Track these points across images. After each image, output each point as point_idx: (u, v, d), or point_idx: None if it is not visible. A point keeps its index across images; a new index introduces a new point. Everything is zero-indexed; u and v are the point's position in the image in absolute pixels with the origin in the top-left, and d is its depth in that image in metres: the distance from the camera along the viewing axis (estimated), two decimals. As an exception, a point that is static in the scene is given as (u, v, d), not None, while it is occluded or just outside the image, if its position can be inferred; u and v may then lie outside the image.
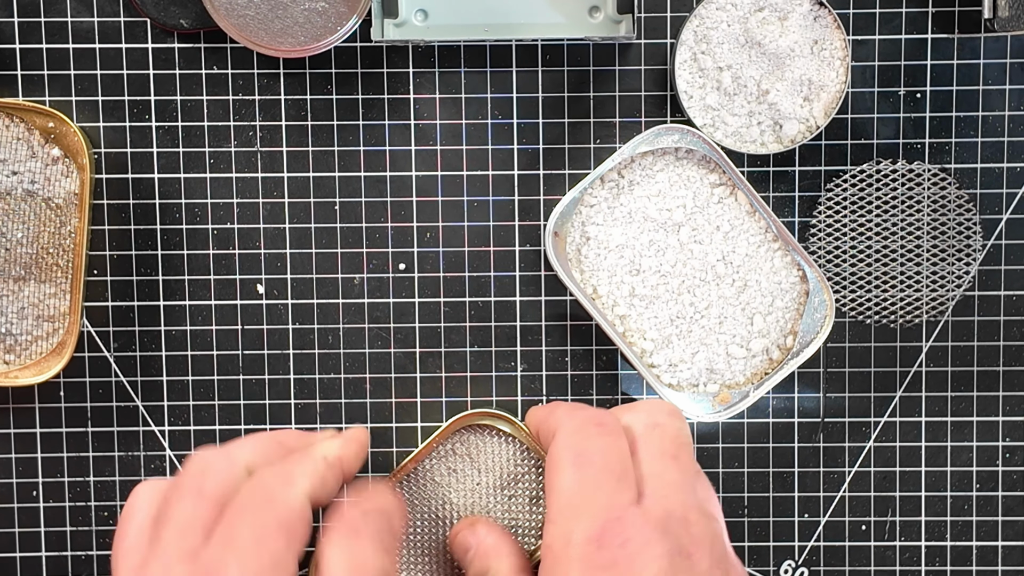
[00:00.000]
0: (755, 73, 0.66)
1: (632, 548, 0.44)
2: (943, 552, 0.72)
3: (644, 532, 0.44)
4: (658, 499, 0.47)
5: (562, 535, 0.45)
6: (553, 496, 0.46)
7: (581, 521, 0.45)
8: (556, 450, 0.48)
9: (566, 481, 0.47)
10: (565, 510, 0.46)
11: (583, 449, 0.47)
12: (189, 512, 0.46)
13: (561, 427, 0.49)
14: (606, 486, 0.46)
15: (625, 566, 0.44)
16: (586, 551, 0.44)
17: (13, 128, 0.67)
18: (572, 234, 0.69)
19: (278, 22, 0.64)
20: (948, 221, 0.70)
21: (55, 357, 0.68)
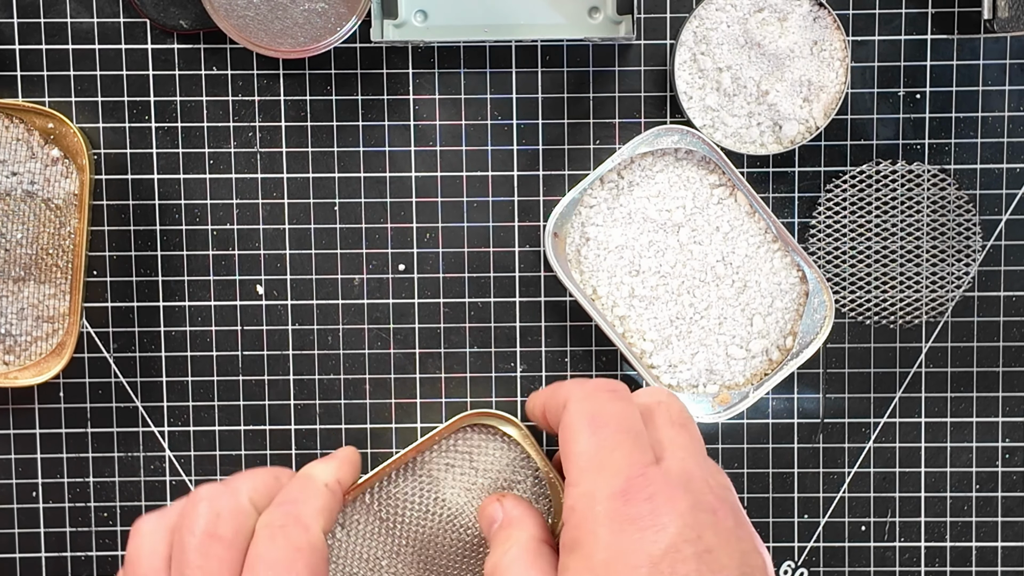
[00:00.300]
0: (755, 74, 0.66)
1: (658, 502, 0.44)
2: (943, 553, 0.72)
3: (668, 488, 0.44)
4: (676, 460, 0.47)
5: (585, 495, 0.45)
6: (572, 460, 0.46)
7: (604, 479, 0.45)
8: (570, 416, 0.48)
9: (583, 444, 0.46)
10: (586, 471, 0.45)
11: (597, 412, 0.47)
12: (212, 560, 0.47)
13: (572, 396, 0.49)
14: (625, 445, 0.46)
15: (651, 519, 0.43)
16: (612, 507, 0.44)
17: (13, 129, 0.67)
18: (572, 235, 0.69)
19: (278, 23, 0.64)
20: (948, 222, 0.70)
21: (55, 358, 0.68)
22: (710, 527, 0.44)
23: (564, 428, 0.48)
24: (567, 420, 0.48)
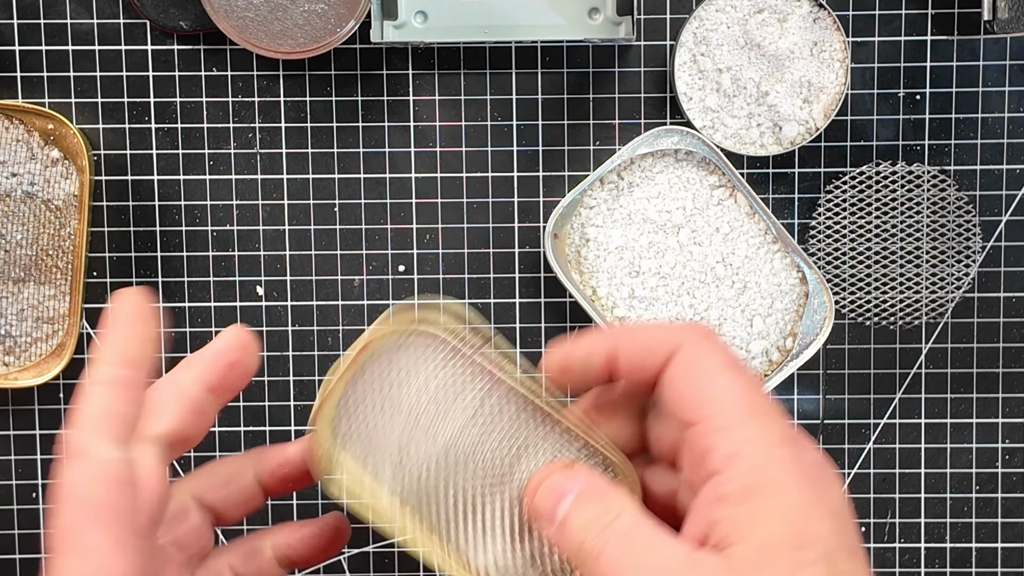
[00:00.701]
0: (755, 75, 0.66)
1: (819, 455, 0.41)
2: (943, 554, 0.72)
3: (813, 442, 0.42)
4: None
5: (754, 439, 0.40)
6: (720, 404, 0.41)
7: (771, 424, 0.41)
8: (698, 357, 0.42)
9: (733, 387, 0.41)
10: (748, 415, 0.41)
11: (732, 357, 0.43)
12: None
13: (687, 337, 0.43)
14: (764, 391, 0.43)
15: (823, 470, 0.41)
16: (792, 452, 0.40)
17: (13, 130, 0.67)
18: (571, 236, 0.69)
19: (277, 24, 0.64)
20: (947, 223, 0.70)
21: (55, 359, 0.68)
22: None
23: (691, 368, 0.42)
24: (692, 361, 0.42)
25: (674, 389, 0.42)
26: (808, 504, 0.39)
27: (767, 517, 0.39)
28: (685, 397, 0.42)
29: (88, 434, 0.41)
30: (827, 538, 0.39)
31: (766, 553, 0.38)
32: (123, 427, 0.41)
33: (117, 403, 0.42)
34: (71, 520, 0.39)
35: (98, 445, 0.40)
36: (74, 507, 0.39)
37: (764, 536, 0.38)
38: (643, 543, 0.40)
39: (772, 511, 0.39)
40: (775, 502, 0.39)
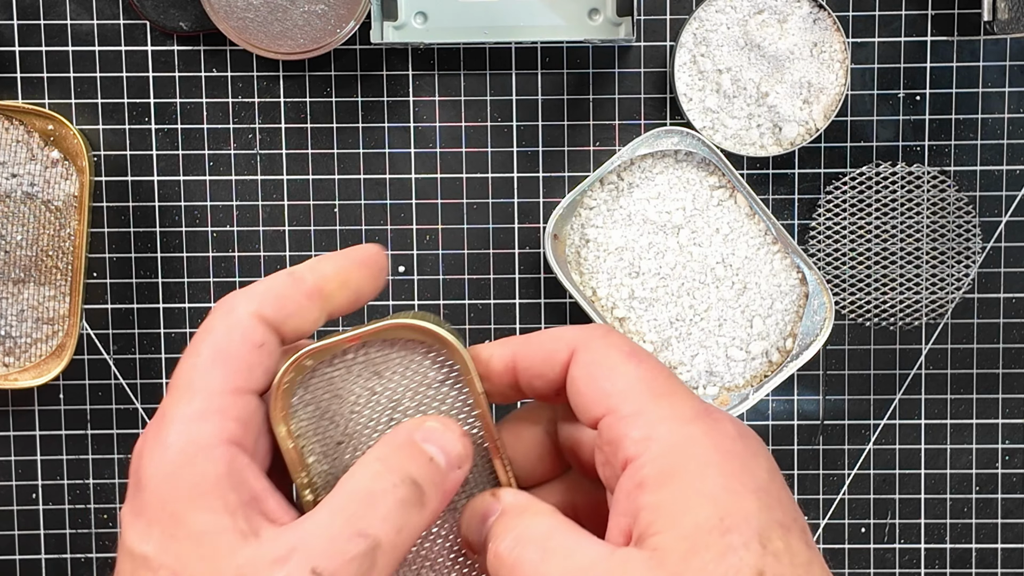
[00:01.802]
0: (754, 75, 0.66)
1: (741, 425, 0.40)
2: (943, 554, 0.72)
3: (730, 415, 0.40)
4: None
5: (667, 419, 0.38)
6: (626, 391, 0.40)
7: (681, 402, 0.39)
8: (596, 353, 0.41)
9: (633, 372, 0.40)
10: (654, 397, 0.39)
11: (632, 347, 0.41)
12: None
13: (582, 337, 0.42)
14: (671, 375, 0.41)
15: (744, 442, 0.39)
16: (706, 425, 0.39)
17: (13, 131, 0.67)
18: (571, 236, 0.69)
19: (277, 25, 0.64)
20: (947, 223, 0.70)
21: (54, 359, 0.68)
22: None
23: (592, 364, 0.41)
24: (592, 358, 0.41)
25: (577, 388, 0.40)
26: (729, 482, 0.37)
27: (688, 501, 0.37)
28: (589, 393, 0.40)
29: (243, 297, 0.40)
30: (754, 516, 0.37)
31: (691, 541, 0.36)
32: (276, 310, 0.40)
33: (285, 294, 0.41)
34: (196, 361, 0.39)
35: (246, 307, 0.40)
36: (204, 348, 0.39)
37: (687, 523, 0.36)
38: (561, 547, 0.38)
39: (693, 494, 0.37)
40: (695, 484, 0.37)
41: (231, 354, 0.39)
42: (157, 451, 0.38)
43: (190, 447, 0.38)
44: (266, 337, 0.40)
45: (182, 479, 0.37)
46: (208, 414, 0.38)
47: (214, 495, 0.37)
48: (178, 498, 0.37)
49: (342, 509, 0.38)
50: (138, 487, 0.38)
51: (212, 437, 0.38)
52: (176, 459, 0.38)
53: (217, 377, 0.39)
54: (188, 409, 0.38)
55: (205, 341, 0.40)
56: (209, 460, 0.38)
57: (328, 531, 0.37)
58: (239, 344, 0.39)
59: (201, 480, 0.37)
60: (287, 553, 0.37)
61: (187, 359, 0.40)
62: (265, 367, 0.40)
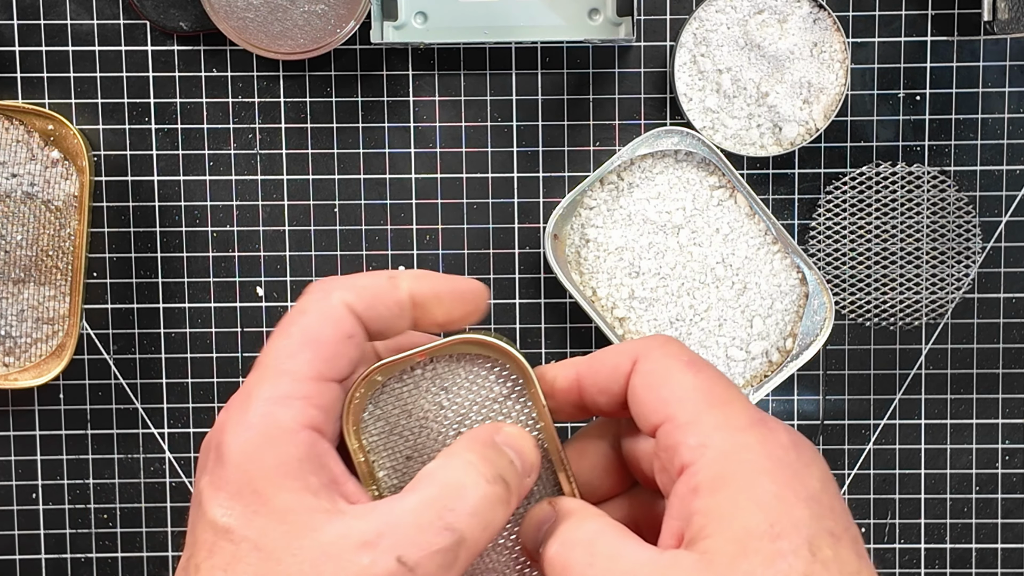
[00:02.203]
0: (754, 75, 0.66)
1: (796, 435, 0.39)
2: (942, 555, 0.72)
3: (786, 424, 0.40)
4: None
5: (721, 427, 0.39)
6: (682, 399, 0.40)
7: (737, 411, 0.39)
8: (655, 364, 0.41)
9: (691, 380, 0.40)
10: (710, 405, 0.39)
11: (691, 357, 0.41)
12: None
13: (643, 349, 0.42)
14: (730, 384, 0.41)
15: (798, 452, 0.39)
16: (760, 434, 0.39)
17: (13, 131, 0.67)
18: (571, 236, 0.69)
19: (277, 24, 0.64)
20: (947, 223, 0.70)
21: (54, 359, 0.68)
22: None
23: (651, 375, 0.41)
24: (652, 367, 0.41)
25: (637, 397, 0.41)
26: (782, 490, 0.38)
27: (739, 507, 0.37)
28: (648, 401, 0.41)
29: (340, 287, 0.41)
30: (805, 525, 0.37)
31: (741, 545, 0.37)
32: (368, 307, 0.41)
33: (380, 295, 0.41)
34: (287, 343, 0.40)
35: (342, 296, 0.41)
36: (295, 331, 0.40)
37: (738, 527, 0.37)
38: (606, 549, 0.39)
39: (744, 500, 0.37)
40: (747, 490, 0.37)
41: (321, 341, 0.40)
42: (241, 429, 0.38)
43: (274, 429, 0.38)
44: (356, 329, 0.40)
45: (265, 459, 0.38)
46: (293, 398, 0.39)
47: (296, 476, 0.38)
48: (261, 476, 0.38)
49: (433, 500, 0.38)
50: (220, 461, 0.38)
51: (294, 421, 0.38)
52: (259, 439, 0.38)
53: (305, 362, 0.39)
54: (274, 391, 0.39)
55: (297, 323, 0.40)
56: (292, 443, 0.38)
57: (417, 520, 0.37)
58: (330, 332, 0.40)
59: (284, 461, 0.38)
60: (375, 537, 0.37)
61: (277, 339, 0.40)
62: (351, 358, 0.40)
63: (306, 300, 0.41)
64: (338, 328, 0.40)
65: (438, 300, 0.42)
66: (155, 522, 0.71)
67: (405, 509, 0.38)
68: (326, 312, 0.40)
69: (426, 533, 0.37)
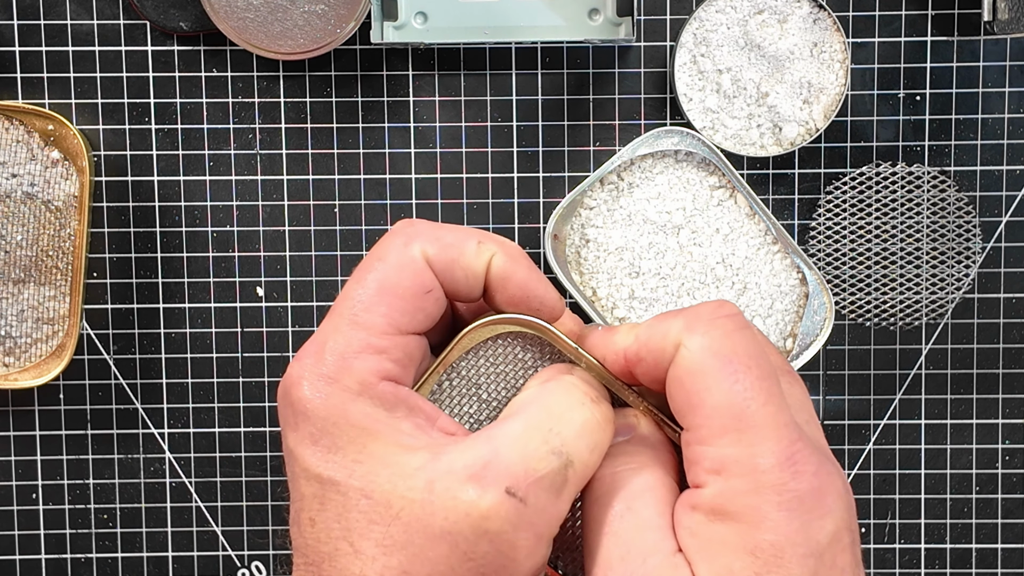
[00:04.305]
0: (755, 75, 0.66)
1: (822, 479, 0.37)
2: (943, 555, 0.72)
3: (823, 462, 0.37)
4: (802, 422, 0.39)
5: (741, 460, 0.36)
6: (709, 415, 0.37)
7: (762, 443, 0.36)
8: (694, 357, 0.38)
9: (723, 394, 0.37)
10: (735, 431, 0.37)
11: (733, 353, 0.38)
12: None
13: (687, 329, 0.39)
14: (773, 398, 0.37)
15: (818, 500, 0.36)
16: (780, 479, 0.36)
17: (13, 131, 0.67)
18: (571, 236, 0.69)
19: (277, 25, 0.64)
20: (947, 224, 0.70)
21: (54, 360, 0.68)
22: (853, 512, 0.38)
23: (686, 373, 0.38)
24: (689, 362, 0.38)
25: (671, 394, 0.39)
26: (781, 542, 0.36)
27: (731, 546, 0.36)
28: (677, 403, 0.38)
29: (424, 237, 0.40)
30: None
31: None
32: (445, 268, 0.40)
33: (459, 259, 0.40)
34: (362, 293, 0.39)
35: (423, 248, 0.39)
36: (372, 281, 0.39)
37: (724, 567, 0.36)
38: (639, 515, 0.38)
39: (737, 542, 0.36)
40: (743, 533, 0.36)
41: (399, 294, 0.39)
42: (323, 384, 0.37)
43: (354, 384, 0.37)
44: (434, 283, 0.39)
45: (353, 412, 0.37)
46: (370, 353, 0.38)
47: (388, 422, 0.37)
48: (354, 427, 0.37)
49: (538, 424, 0.37)
50: (305, 416, 0.38)
51: (373, 375, 0.38)
52: (344, 394, 0.37)
53: (381, 315, 0.38)
54: (350, 345, 0.38)
55: (374, 270, 0.39)
56: (375, 395, 0.38)
57: (523, 446, 0.36)
58: (408, 284, 0.39)
59: (371, 411, 0.37)
60: (481, 468, 0.36)
61: (354, 286, 0.39)
62: (428, 312, 0.39)
63: (385, 246, 0.40)
64: (416, 280, 0.39)
65: (504, 284, 0.40)
66: (155, 522, 0.71)
67: (509, 435, 0.37)
68: (405, 262, 0.39)
69: (532, 459, 0.36)
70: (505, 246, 0.41)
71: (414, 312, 0.39)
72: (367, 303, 0.38)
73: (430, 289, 0.39)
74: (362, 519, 0.36)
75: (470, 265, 0.40)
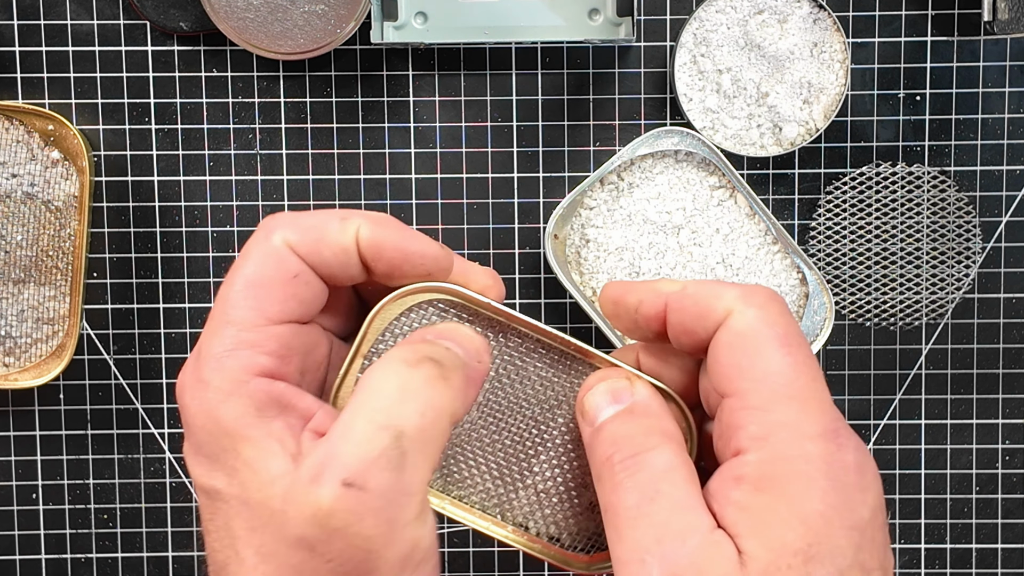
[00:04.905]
0: (755, 76, 0.66)
1: (862, 456, 0.37)
2: (943, 555, 0.72)
3: (859, 441, 0.38)
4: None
5: (788, 426, 0.37)
6: (761, 381, 0.37)
7: (811, 412, 0.37)
8: (748, 326, 0.38)
9: (777, 364, 0.38)
10: (786, 399, 0.37)
11: (786, 330, 0.38)
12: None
13: (740, 300, 0.39)
14: (820, 376, 0.38)
15: (860, 476, 0.37)
16: (826, 448, 0.36)
17: (13, 131, 0.67)
18: (572, 236, 0.69)
19: (277, 25, 0.64)
20: (947, 224, 0.70)
21: (55, 360, 0.68)
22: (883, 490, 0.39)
23: (739, 337, 0.38)
24: (745, 327, 0.38)
25: (716, 357, 0.39)
26: (829, 512, 0.36)
27: (781, 516, 0.36)
28: (726, 367, 0.38)
29: (283, 226, 0.40)
30: (842, 554, 0.36)
31: (774, 556, 0.35)
32: (311, 251, 0.39)
33: (325, 240, 0.40)
34: (229, 292, 0.39)
35: (283, 235, 0.39)
36: (238, 279, 0.39)
37: (775, 538, 0.36)
38: (669, 496, 0.37)
39: (787, 512, 0.36)
40: (793, 502, 0.36)
41: (264, 284, 0.39)
42: (197, 390, 0.38)
43: (225, 384, 0.38)
44: (300, 268, 0.39)
45: (224, 415, 0.37)
46: (239, 348, 0.38)
47: (258, 425, 0.37)
48: (226, 433, 0.37)
49: (363, 404, 0.37)
50: (188, 427, 0.38)
51: (244, 372, 0.38)
52: (215, 397, 0.37)
53: (248, 309, 0.39)
54: (221, 345, 0.38)
55: (239, 269, 0.39)
56: (245, 394, 0.37)
57: (352, 433, 0.36)
58: (272, 274, 0.39)
59: (242, 413, 0.37)
60: (319, 467, 0.36)
61: (223, 288, 0.39)
62: (301, 298, 0.39)
63: (249, 243, 0.40)
64: (280, 269, 0.39)
65: (379, 253, 0.40)
66: (155, 522, 0.71)
67: (339, 428, 0.37)
68: (267, 253, 0.39)
69: (362, 444, 0.36)
70: (370, 216, 0.40)
71: (284, 300, 0.39)
72: (234, 299, 0.39)
73: (296, 274, 0.39)
74: (244, 527, 0.37)
75: (337, 241, 0.39)
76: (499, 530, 0.42)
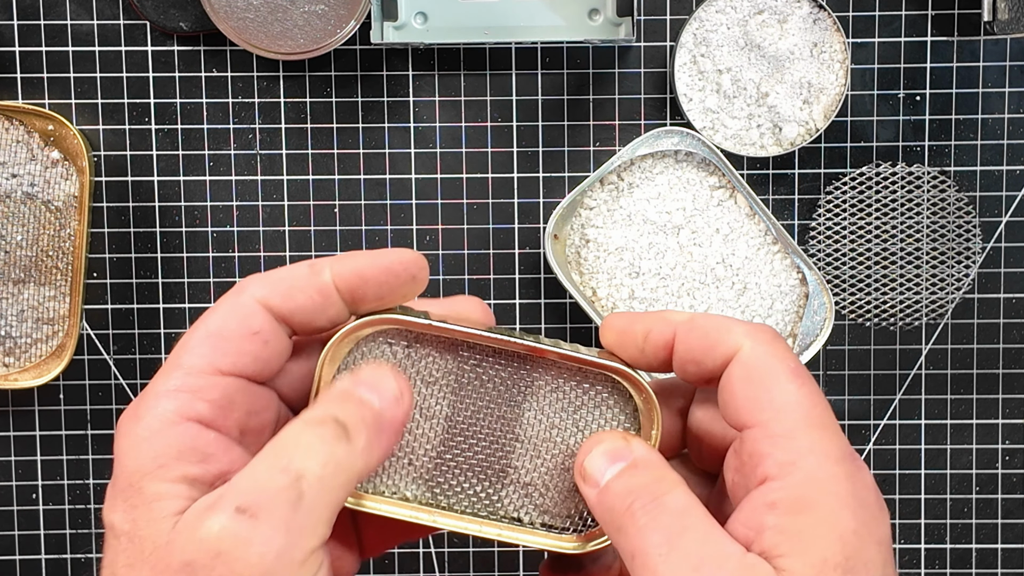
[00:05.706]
0: (755, 76, 0.66)
1: (873, 480, 0.41)
2: (943, 555, 0.72)
3: (871, 476, 0.41)
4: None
5: (814, 451, 0.39)
6: (780, 410, 0.40)
7: (830, 438, 0.40)
8: (760, 360, 0.40)
9: (793, 394, 0.40)
10: (807, 426, 0.39)
11: (795, 363, 0.41)
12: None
13: (748, 337, 0.41)
14: (828, 408, 0.41)
15: (877, 495, 0.40)
16: (850, 470, 0.39)
17: (13, 131, 0.67)
18: (571, 237, 0.69)
19: (277, 25, 0.64)
20: (947, 224, 0.70)
21: (55, 360, 0.68)
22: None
23: (754, 370, 0.40)
24: (758, 361, 0.40)
25: (732, 390, 0.41)
26: (861, 529, 0.38)
27: (819, 534, 0.38)
28: (743, 399, 0.40)
29: (256, 282, 0.41)
30: (876, 566, 0.38)
31: (817, 571, 0.37)
32: (285, 300, 0.40)
33: (298, 286, 0.41)
34: (188, 339, 0.40)
35: (254, 291, 0.40)
36: (201, 327, 0.40)
37: (816, 555, 0.38)
38: (696, 529, 0.39)
39: (825, 529, 0.38)
40: (829, 520, 0.38)
41: (222, 336, 0.40)
42: (130, 424, 0.39)
43: (155, 422, 0.38)
44: (266, 325, 0.40)
45: (144, 452, 0.38)
46: (180, 391, 0.39)
47: (173, 467, 0.38)
48: (140, 469, 0.38)
49: (267, 452, 0.38)
50: (115, 457, 0.39)
51: (177, 414, 0.38)
52: (142, 433, 0.38)
53: (202, 357, 0.39)
54: (164, 385, 0.39)
55: (204, 320, 0.40)
56: (170, 435, 0.38)
57: (253, 473, 0.37)
58: (234, 328, 0.40)
59: (161, 454, 0.38)
60: (216, 499, 0.37)
61: (185, 335, 0.40)
62: (256, 354, 0.40)
63: (223, 297, 0.41)
64: (243, 324, 0.40)
65: (362, 280, 0.41)
66: (155, 522, 0.71)
67: (247, 468, 0.38)
68: (235, 308, 0.40)
69: (261, 479, 0.37)
70: (336, 255, 0.41)
71: (238, 353, 0.40)
72: (190, 346, 0.40)
73: (257, 331, 0.40)
74: (124, 563, 0.37)
75: (310, 284, 0.41)
76: (494, 529, 0.43)
